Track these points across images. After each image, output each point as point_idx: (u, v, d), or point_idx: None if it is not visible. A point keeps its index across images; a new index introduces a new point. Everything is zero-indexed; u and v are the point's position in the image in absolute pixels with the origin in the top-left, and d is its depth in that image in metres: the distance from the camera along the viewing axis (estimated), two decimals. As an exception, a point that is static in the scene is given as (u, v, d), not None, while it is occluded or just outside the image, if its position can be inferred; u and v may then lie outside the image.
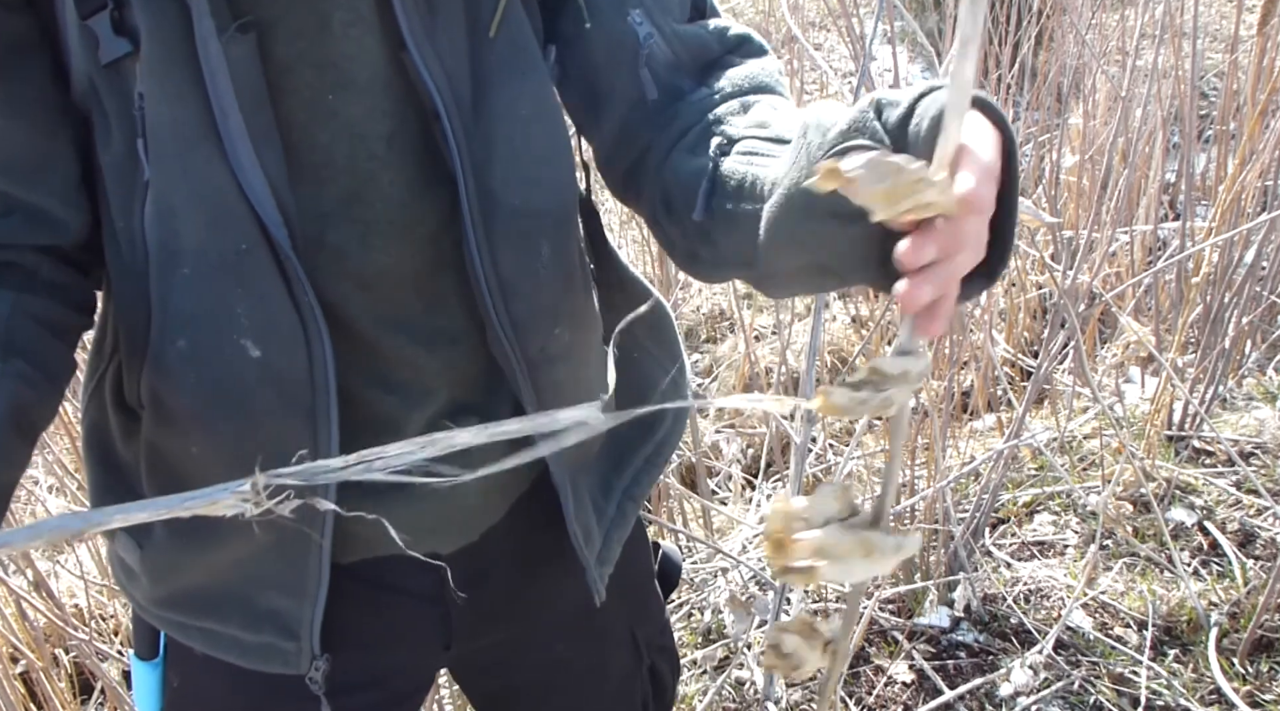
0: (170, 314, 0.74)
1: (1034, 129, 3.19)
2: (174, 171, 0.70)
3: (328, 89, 0.74)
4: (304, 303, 0.74)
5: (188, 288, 0.73)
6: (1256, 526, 2.17)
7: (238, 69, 0.69)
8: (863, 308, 3.24)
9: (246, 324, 0.74)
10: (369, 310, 0.79)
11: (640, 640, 1.09)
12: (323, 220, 0.76)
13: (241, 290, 0.73)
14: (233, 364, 0.75)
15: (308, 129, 0.74)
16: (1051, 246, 2.84)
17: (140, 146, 0.70)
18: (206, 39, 0.68)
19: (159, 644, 0.96)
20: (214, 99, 0.69)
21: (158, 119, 0.69)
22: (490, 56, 0.77)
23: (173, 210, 0.71)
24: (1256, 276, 2.31)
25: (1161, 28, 2.17)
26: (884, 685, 1.95)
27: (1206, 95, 4.07)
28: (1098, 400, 2.18)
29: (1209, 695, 1.84)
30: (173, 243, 0.72)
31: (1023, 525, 2.30)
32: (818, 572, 0.55)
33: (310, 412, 0.77)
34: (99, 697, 1.96)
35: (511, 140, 0.78)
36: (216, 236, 0.72)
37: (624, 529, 1.00)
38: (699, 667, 2.00)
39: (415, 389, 0.83)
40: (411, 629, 0.95)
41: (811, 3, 4.59)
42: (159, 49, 0.68)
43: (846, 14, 2.06)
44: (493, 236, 0.78)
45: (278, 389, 0.76)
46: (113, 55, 0.69)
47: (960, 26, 0.48)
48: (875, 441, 2.56)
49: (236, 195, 0.71)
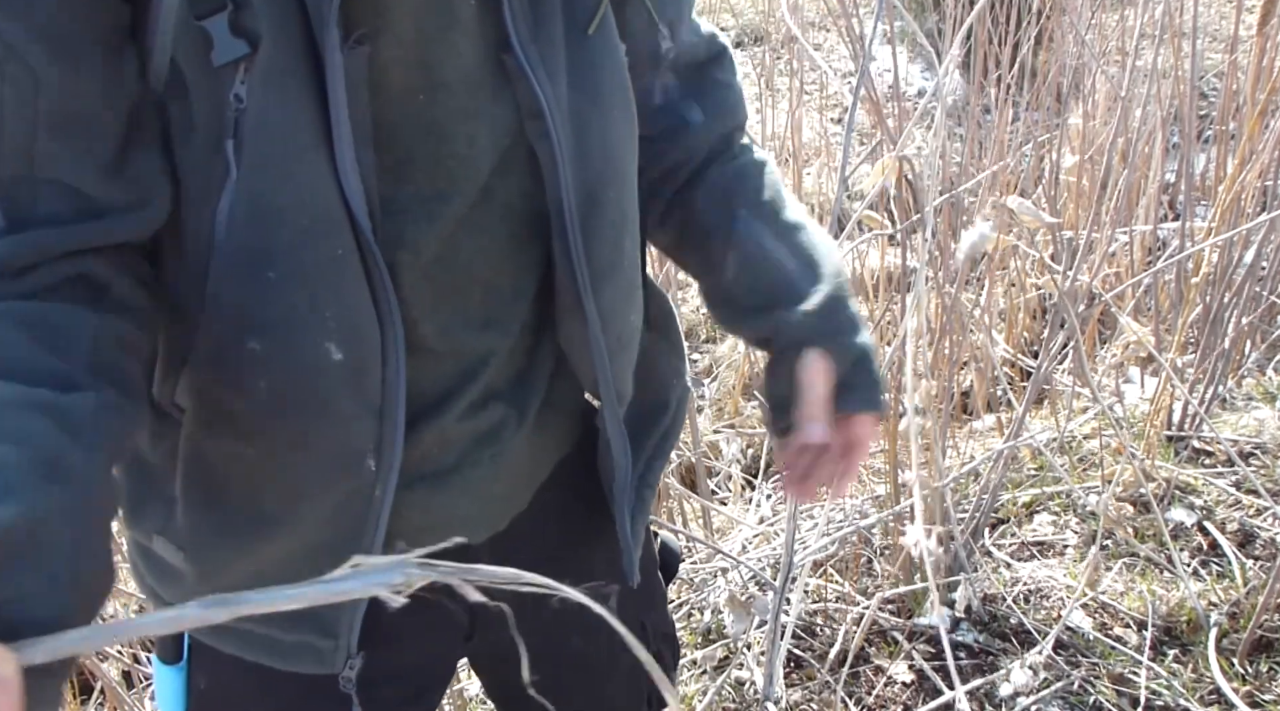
0: (244, 316, 0.73)
1: (1034, 129, 3.19)
2: (276, 176, 0.69)
3: (417, 90, 0.74)
4: (385, 305, 0.75)
5: (272, 290, 0.72)
6: (1256, 526, 2.17)
7: (352, 79, 0.70)
8: (863, 308, 3.25)
9: (334, 326, 0.74)
10: (436, 306, 0.80)
11: (649, 628, 1.11)
12: (401, 215, 0.77)
13: (333, 295, 0.73)
14: (314, 366, 0.74)
15: (393, 127, 0.74)
16: (1051, 246, 2.84)
17: (230, 147, 0.68)
18: (332, 49, 0.68)
19: (183, 647, 0.95)
20: (333, 111, 0.69)
21: (264, 122, 0.68)
22: (586, 54, 0.80)
23: (263, 213, 0.70)
24: (1256, 276, 2.31)
25: (1161, 28, 2.17)
26: (884, 685, 1.95)
27: (1206, 95, 4.08)
28: (1097, 400, 2.18)
29: (1209, 695, 1.84)
30: (262, 246, 0.71)
31: (1023, 525, 2.30)
32: None
33: (378, 413, 0.77)
34: (99, 698, 1.96)
35: (606, 137, 0.81)
36: (315, 242, 0.71)
37: (644, 515, 1.01)
38: (699, 667, 2.00)
39: (460, 376, 0.85)
40: (439, 621, 0.93)
41: (811, 3, 4.59)
42: (281, 55, 0.67)
43: (846, 14, 2.06)
44: (588, 230, 0.81)
45: (353, 390, 0.76)
46: (230, 57, 0.67)
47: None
48: (875, 442, 2.56)
49: (338, 203, 0.71)
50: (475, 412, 0.86)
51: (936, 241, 2.09)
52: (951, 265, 1.98)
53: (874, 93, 1.90)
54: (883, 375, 0.93)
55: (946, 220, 2.39)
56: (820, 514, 2.26)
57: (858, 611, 2.03)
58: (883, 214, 2.74)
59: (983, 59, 3.04)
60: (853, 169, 1.19)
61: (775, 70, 3.68)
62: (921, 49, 4.92)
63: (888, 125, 2.01)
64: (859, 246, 2.97)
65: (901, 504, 1.99)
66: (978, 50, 3.01)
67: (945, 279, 2.01)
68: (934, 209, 1.40)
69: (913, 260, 2.23)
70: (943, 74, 1.30)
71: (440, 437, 0.85)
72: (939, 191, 2.60)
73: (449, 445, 0.86)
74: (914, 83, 4.99)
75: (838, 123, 4.45)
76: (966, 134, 3.17)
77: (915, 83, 5.00)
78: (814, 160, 3.86)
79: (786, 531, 1.23)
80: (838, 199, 1.16)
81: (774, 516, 2.34)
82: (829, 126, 4.20)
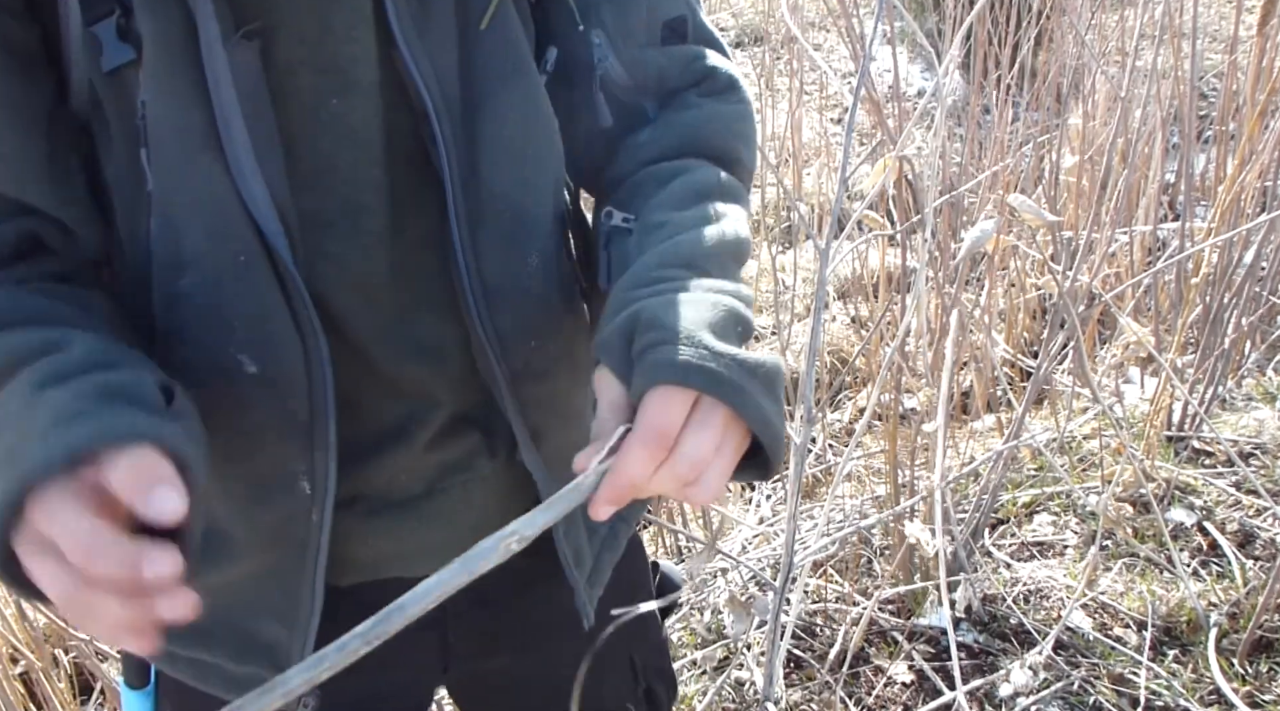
0: (171, 327, 0.73)
1: (1034, 129, 3.19)
2: (175, 180, 0.69)
3: (330, 93, 0.72)
4: (303, 317, 0.72)
5: (187, 300, 0.71)
6: (1256, 527, 2.17)
7: (241, 75, 0.68)
8: (863, 308, 3.24)
9: (244, 337, 0.72)
10: (372, 321, 0.78)
11: (638, 664, 1.09)
12: (325, 229, 0.74)
13: (239, 303, 0.71)
14: (229, 379, 0.72)
15: (310, 136, 0.72)
16: (1051, 247, 2.84)
17: (144, 156, 0.68)
18: (211, 44, 0.66)
19: (149, 672, 0.94)
20: (217, 106, 0.67)
21: (159, 126, 0.68)
22: (480, 55, 0.75)
23: (173, 220, 0.70)
24: (1256, 277, 2.31)
25: (1161, 28, 2.16)
26: (884, 685, 1.95)
27: (1206, 96, 4.08)
28: (1097, 400, 2.18)
29: (1208, 695, 1.84)
30: (174, 254, 0.70)
31: (1022, 526, 2.30)
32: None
33: (308, 432, 0.75)
34: (99, 698, 1.96)
35: (499, 141, 0.76)
36: (215, 246, 0.70)
37: (615, 551, 0.98)
38: (699, 668, 2.00)
39: (419, 400, 0.81)
40: (409, 651, 0.91)
41: (811, 3, 4.59)
42: (162, 55, 0.66)
43: (846, 14, 2.06)
44: (479, 241, 0.76)
45: (276, 406, 0.74)
46: (116, 62, 0.67)
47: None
48: (875, 442, 2.56)
49: (236, 205, 0.69)
50: (443, 441, 0.83)
51: (936, 241, 2.09)
52: (951, 265, 1.98)
53: (874, 93, 1.90)
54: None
55: (946, 220, 2.39)
56: (820, 514, 2.26)
57: (857, 611, 2.03)
58: (883, 214, 2.74)
59: (982, 59, 3.04)
60: (853, 169, 1.19)
61: (775, 70, 3.68)
62: (921, 49, 4.92)
63: (888, 125, 2.01)
64: (859, 246, 2.97)
65: (902, 504, 1.99)
66: (977, 50, 3.01)
67: (945, 279, 2.01)
68: (934, 209, 1.40)
69: (913, 260, 2.24)
70: (943, 74, 1.30)
71: (407, 466, 0.83)
72: (939, 191, 2.60)
73: (417, 474, 0.84)
74: (914, 83, 4.99)
75: (838, 123, 4.45)
76: (966, 134, 3.17)
77: (915, 83, 5.00)
78: (814, 160, 3.86)
79: (786, 531, 1.23)
80: (838, 199, 1.15)
81: (774, 516, 2.34)
82: (829, 126, 4.20)
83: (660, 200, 0.78)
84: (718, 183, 0.81)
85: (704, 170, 0.81)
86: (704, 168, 0.81)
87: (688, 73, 0.84)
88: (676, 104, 0.84)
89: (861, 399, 2.93)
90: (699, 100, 0.84)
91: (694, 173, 0.81)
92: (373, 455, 0.81)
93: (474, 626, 0.93)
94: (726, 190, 0.81)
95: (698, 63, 0.84)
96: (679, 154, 0.82)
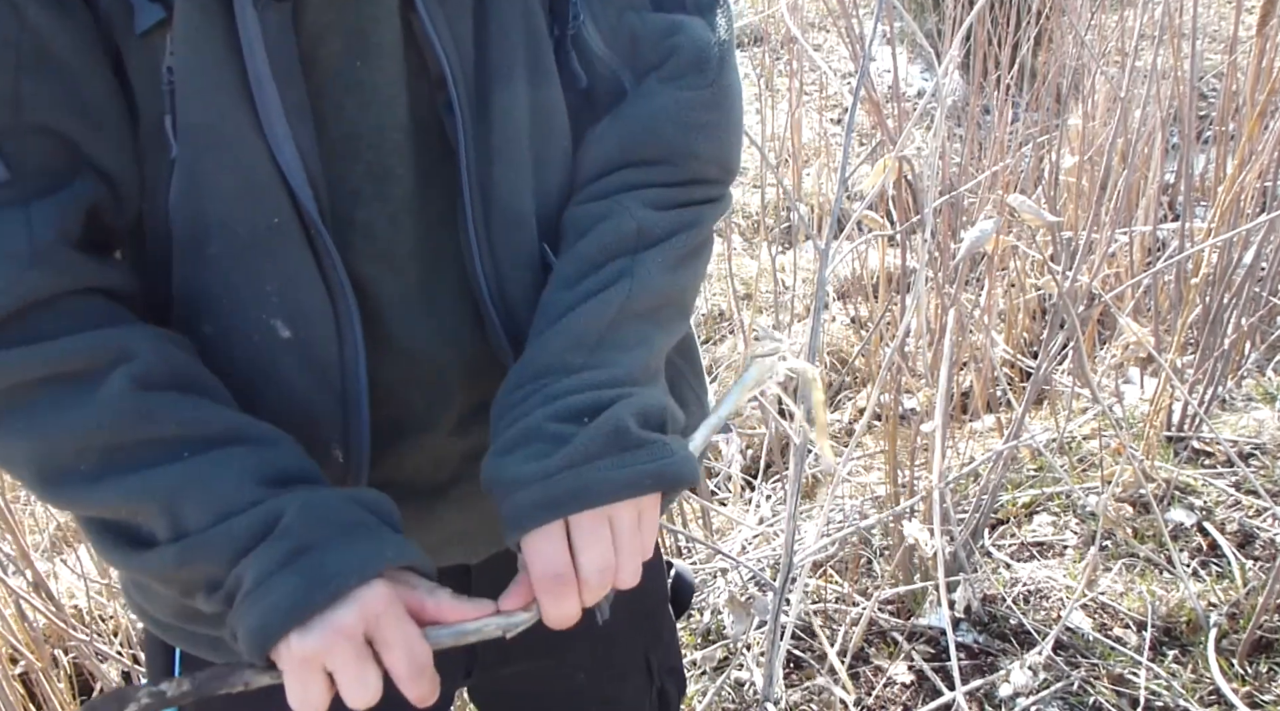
0: (194, 298, 0.72)
1: (1034, 129, 3.19)
2: (203, 144, 0.68)
3: (355, 56, 0.71)
4: (334, 281, 0.71)
5: (214, 267, 0.70)
6: (1256, 527, 2.17)
7: (272, 38, 0.67)
8: (862, 308, 3.24)
9: (277, 302, 0.71)
10: (399, 296, 0.77)
11: (653, 665, 1.09)
12: (353, 197, 0.73)
13: (272, 267, 0.70)
14: (263, 346, 0.72)
15: (335, 100, 0.71)
16: (1051, 247, 2.84)
17: (169, 123, 0.67)
18: (244, 6, 0.65)
19: (174, 665, 0.93)
20: (250, 68, 0.66)
21: (188, 90, 0.67)
22: (496, 21, 0.74)
23: (200, 185, 0.69)
24: (1255, 277, 2.31)
25: (1161, 28, 2.17)
26: (884, 685, 1.95)
27: (1206, 96, 4.07)
28: (1097, 401, 2.18)
29: (1208, 696, 1.84)
30: (199, 220, 0.69)
31: (1022, 526, 2.30)
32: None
33: (341, 397, 0.74)
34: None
35: (511, 115, 0.74)
36: (247, 210, 0.69)
37: None
38: (699, 668, 2.00)
39: (440, 386, 0.81)
40: (438, 657, 0.93)
41: (811, 3, 4.59)
42: (194, 16, 0.65)
43: (846, 14, 2.06)
44: (491, 220, 0.75)
45: (309, 371, 0.73)
46: (148, 22, 0.65)
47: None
48: (875, 442, 2.56)
49: (269, 167, 0.68)
50: (467, 428, 0.83)
51: (936, 241, 2.09)
52: (951, 265, 1.98)
53: (874, 93, 1.90)
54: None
55: (946, 220, 2.39)
56: (820, 514, 2.26)
57: (857, 612, 2.03)
58: (882, 214, 2.74)
59: (982, 59, 3.04)
60: (853, 169, 1.19)
61: (775, 70, 3.68)
62: (921, 49, 4.92)
63: (888, 125, 2.01)
64: (859, 247, 2.97)
65: (901, 504, 1.99)
66: (977, 51, 3.01)
67: (945, 279, 2.01)
68: (934, 209, 1.40)
69: (912, 260, 2.23)
70: (942, 74, 1.30)
71: (433, 454, 0.83)
72: (939, 192, 2.59)
73: (443, 462, 0.84)
74: (914, 83, 4.99)
75: (837, 123, 4.45)
76: (966, 134, 3.17)
77: (915, 83, 5.00)
78: (814, 160, 3.86)
79: (786, 532, 1.23)
80: (837, 199, 1.16)
81: (774, 517, 2.34)
82: (829, 127, 4.20)
83: (562, 269, 0.77)
84: (633, 232, 0.77)
85: (618, 218, 0.77)
86: (620, 216, 0.77)
87: (656, 50, 0.80)
88: (636, 92, 0.80)
89: (861, 399, 2.93)
90: (657, 87, 0.80)
91: (608, 222, 0.77)
92: (400, 439, 0.80)
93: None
94: (644, 235, 0.77)
95: (668, 39, 0.80)
96: (621, 164, 0.79)
